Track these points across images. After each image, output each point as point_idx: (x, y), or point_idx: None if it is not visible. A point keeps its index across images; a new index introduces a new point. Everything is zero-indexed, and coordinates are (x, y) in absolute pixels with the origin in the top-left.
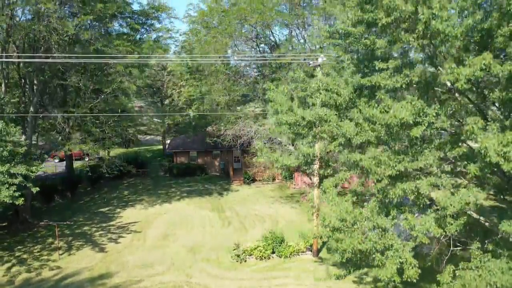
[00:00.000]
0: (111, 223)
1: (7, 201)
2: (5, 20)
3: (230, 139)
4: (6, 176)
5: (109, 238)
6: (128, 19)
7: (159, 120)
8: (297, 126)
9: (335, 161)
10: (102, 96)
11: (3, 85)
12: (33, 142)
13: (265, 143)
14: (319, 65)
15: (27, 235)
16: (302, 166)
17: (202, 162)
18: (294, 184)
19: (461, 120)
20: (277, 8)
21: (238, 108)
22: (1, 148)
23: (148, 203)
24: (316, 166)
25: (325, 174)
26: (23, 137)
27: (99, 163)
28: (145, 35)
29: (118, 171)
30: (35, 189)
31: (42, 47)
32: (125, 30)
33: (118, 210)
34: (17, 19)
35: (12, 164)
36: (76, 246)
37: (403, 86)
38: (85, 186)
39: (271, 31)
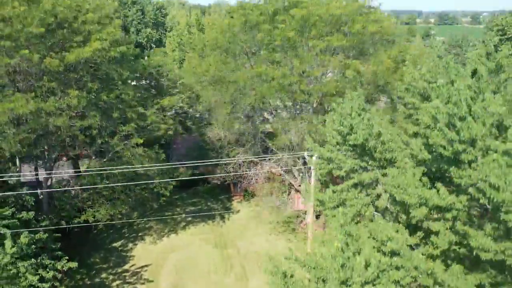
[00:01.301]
0: (126, 267)
1: None
2: None
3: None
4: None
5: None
6: None
7: None
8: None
9: None
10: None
11: None
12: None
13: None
14: None
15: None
16: None
17: (203, 170)
18: (292, 207)
19: None
20: None
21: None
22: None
23: (156, 233)
24: None
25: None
26: None
27: None
28: None
29: None
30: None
31: None
32: None
33: (130, 245)
34: None
35: None
36: None
37: None
38: None
39: None
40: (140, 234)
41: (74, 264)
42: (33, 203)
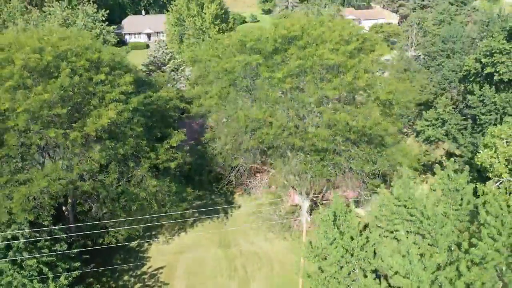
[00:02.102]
0: (144, 269)
1: None
2: None
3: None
4: None
5: None
6: None
7: None
8: None
9: None
10: None
11: None
12: None
13: None
14: None
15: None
16: None
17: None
18: (289, 202)
19: None
20: None
21: None
22: None
23: (167, 232)
24: None
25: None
26: None
27: None
28: None
29: None
30: None
31: None
32: None
33: (146, 245)
34: None
35: None
36: None
37: None
38: None
39: None
40: (153, 232)
41: None
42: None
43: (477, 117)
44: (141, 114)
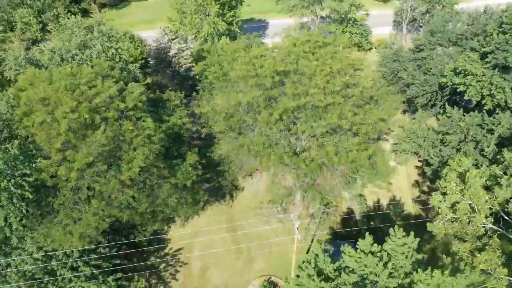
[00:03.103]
0: (166, 250)
1: None
2: None
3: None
4: None
5: (170, 273)
6: None
7: None
8: None
9: None
10: None
11: None
12: None
13: None
14: None
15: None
16: None
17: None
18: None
19: None
20: None
21: None
22: None
23: (183, 215)
24: None
25: None
26: None
27: None
28: None
29: None
30: None
31: None
32: None
33: (166, 228)
34: None
35: None
36: (154, 285)
37: None
38: None
39: None
40: (171, 216)
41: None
42: None
43: (443, 135)
44: (161, 144)
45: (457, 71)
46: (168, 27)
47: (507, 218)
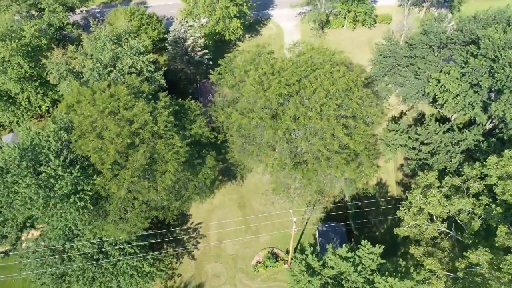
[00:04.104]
0: (188, 224)
1: None
2: None
3: None
4: None
5: (192, 244)
6: None
7: None
8: None
9: None
10: None
11: None
12: None
13: None
14: None
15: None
16: None
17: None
18: None
19: None
20: None
21: None
22: None
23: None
24: None
25: None
26: None
27: None
28: None
29: None
30: None
31: None
32: None
33: (187, 205)
34: None
35: None
36: (181, 255)
37: None
38: None
39: None
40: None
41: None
42: None
43: (420, 144)
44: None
45: (439, 84)
46: (185, 19)
47: (459, 222)
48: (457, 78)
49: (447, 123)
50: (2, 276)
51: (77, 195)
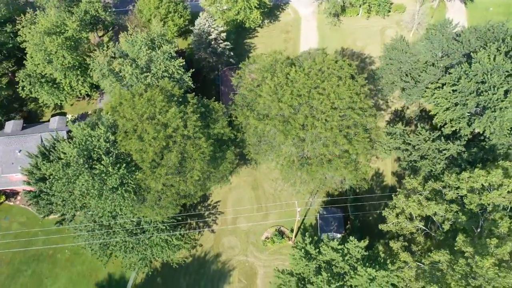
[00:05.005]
0: (208, 202)
1: None
2: None
3: None
4: None
5: (213, 218)
6: None
7: None
8: None
9: None
10: None
11: None
12: None
13: None
14: None
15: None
16: None
17: None
18: None
19: None
20: None
21: None
22: None
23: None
24: None
25: None
26: None
27: None
28: None
29: None
30: None
31: None
32: None
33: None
34: None
35: None
36: (202, 228)
37: None
38: None
39: None
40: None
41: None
42: None
43: (412, 148)
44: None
45: (433, 96)
46: (209, 15)
47: (435, 220)
48: (449, 93)
49: (436, 131)
50: (56, 245)
51: (123, 188)
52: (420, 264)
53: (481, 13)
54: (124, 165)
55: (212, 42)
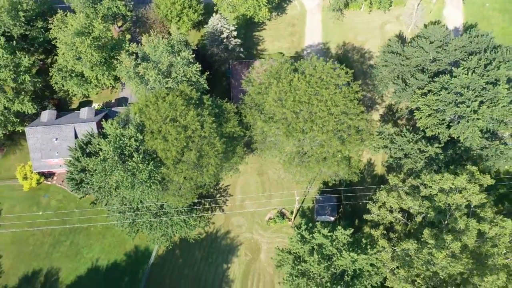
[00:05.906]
0: (219, 185)
1: None
2: None
3: None
4: None
5: (223, 200)
6: None
7: None
8: None
9: None
10: None
11: None
12: None
13: None
14: None
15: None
16: None
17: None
18: None
19: None
20: None
21: None
22: None
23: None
24: None
25: None
26: None
27: None
28: None
29: None
30: None
31: None
32: None
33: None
34: None
35: None
36: (214, 208)
37: None
38: None
39: None
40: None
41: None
42: None
43: (398, 146)
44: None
45: (419, 101)
46: (222, 16)
47: (411, 212)
48: (432, 100)
49: (419, 132)
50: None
51: (151, 180)
52: (395, 249)
53: (477, 9)
54: (152, 162)
55: (224, 40)
